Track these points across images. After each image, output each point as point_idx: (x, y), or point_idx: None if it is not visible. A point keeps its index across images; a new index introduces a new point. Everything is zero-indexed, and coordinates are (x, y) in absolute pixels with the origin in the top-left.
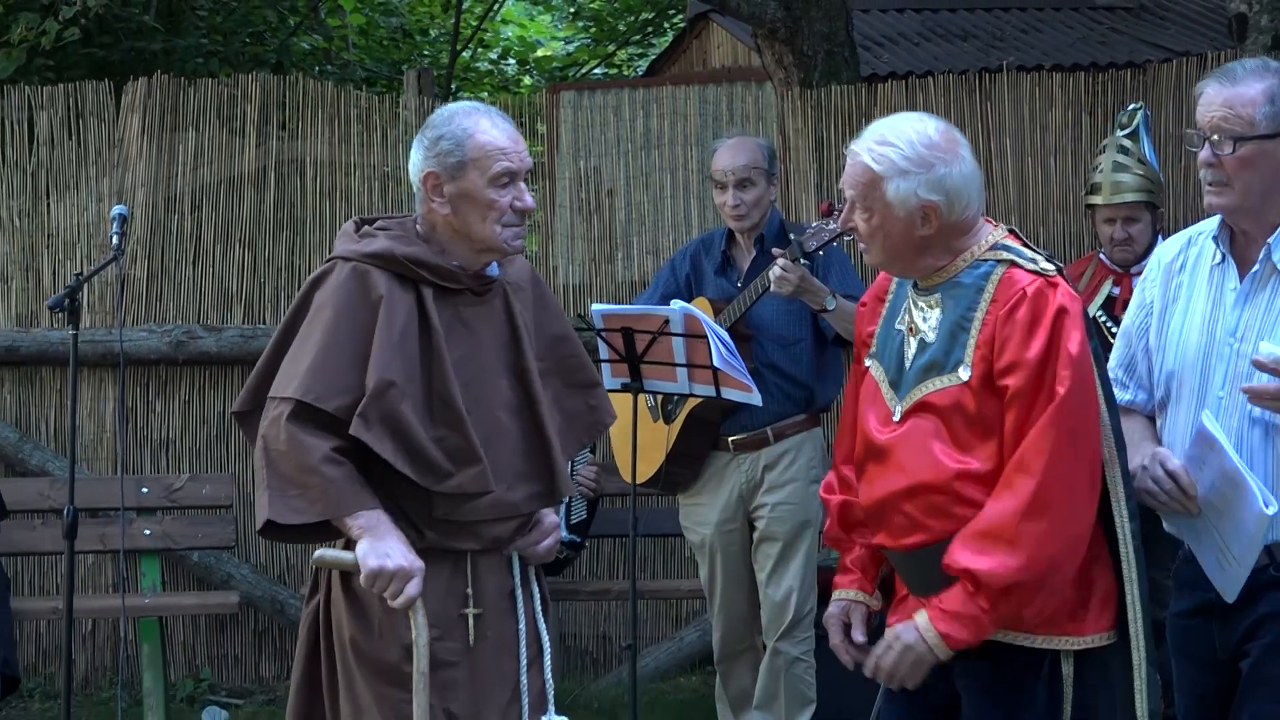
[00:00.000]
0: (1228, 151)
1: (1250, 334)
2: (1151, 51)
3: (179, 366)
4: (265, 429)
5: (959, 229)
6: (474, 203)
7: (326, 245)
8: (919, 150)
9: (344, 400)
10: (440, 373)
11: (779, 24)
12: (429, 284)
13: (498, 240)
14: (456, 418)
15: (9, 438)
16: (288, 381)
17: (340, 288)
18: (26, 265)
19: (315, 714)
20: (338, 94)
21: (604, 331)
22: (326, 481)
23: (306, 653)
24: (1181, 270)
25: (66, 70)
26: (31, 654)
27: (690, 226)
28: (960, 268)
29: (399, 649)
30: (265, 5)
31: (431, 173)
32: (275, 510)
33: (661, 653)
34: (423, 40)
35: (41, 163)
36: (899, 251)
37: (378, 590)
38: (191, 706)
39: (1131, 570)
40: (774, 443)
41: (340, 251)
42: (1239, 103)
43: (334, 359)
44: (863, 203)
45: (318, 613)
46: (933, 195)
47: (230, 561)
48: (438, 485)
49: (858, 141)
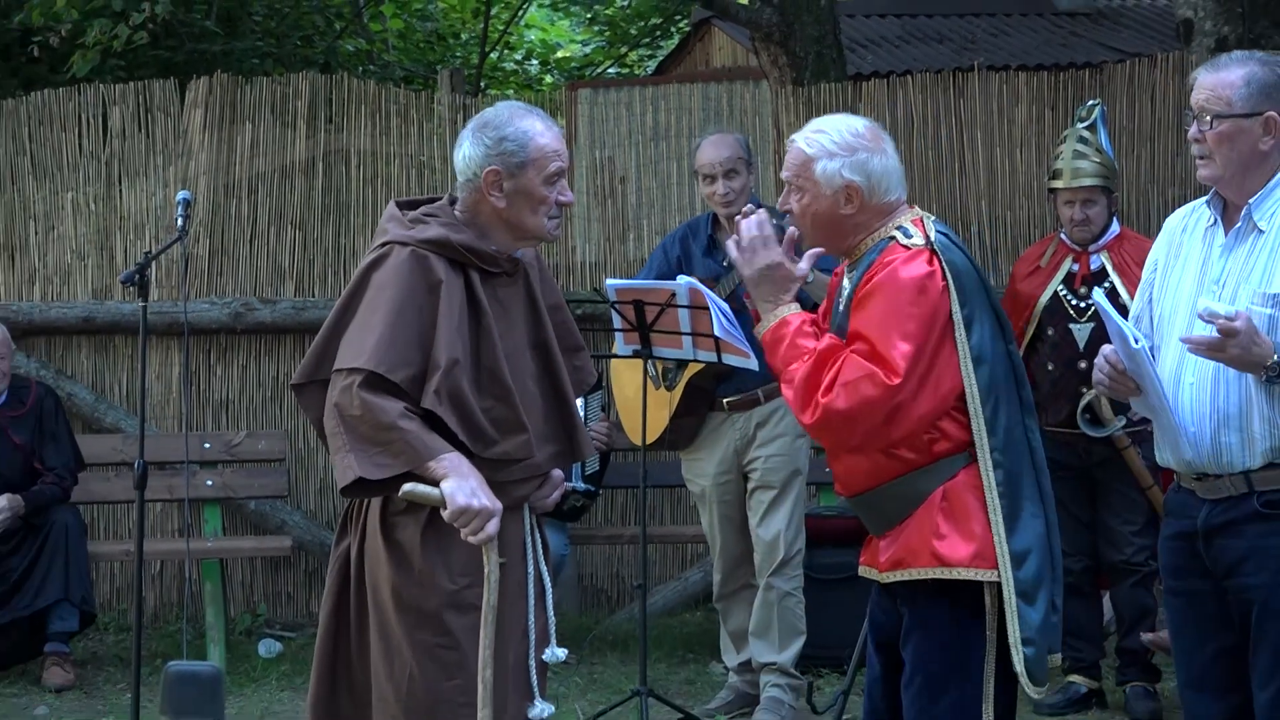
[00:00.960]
0: (1209, 128)
1: (1230, 281)
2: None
3: (237, 335)
4: (338, 398)
5: (879, 212)
6: (529, 198)
7: (369, 226)
8: (846, 138)
9: (408, 372)
10: (490, 349)
11: (774, 28)
12: (476, 268)
13: (544, 230)
14: (505, 390)
15: (86, 399)
16: (358, 354)
17: (400, 270)
18: (101, 245)
19: (340, 650)
20: (379, 91)
21: (617, 304)
22: (406, 434)
23: (335, 593)
24: (1183, 233)
25: (136, 70)
26: (107, 592)
27: (694, 209)
28: (868, 246)
29: (438, 596)
30: (314, 11)
31: (494, 169)
32: (364, 468)
33: (669, 591)
34: (455, 43)
35: (114, 153)
36: (825, 229)
37: (460, 525)
38: (249, 638)
39: (997, 515)
40: (764, 403)
41: (395, 236)
42: (1220, 85)
43: (399, 335)
44: (796, 182)
45: (347, 555)
46: (855, 176)
47: (283, 509)
48: (485, 451)
49: (797, 134)
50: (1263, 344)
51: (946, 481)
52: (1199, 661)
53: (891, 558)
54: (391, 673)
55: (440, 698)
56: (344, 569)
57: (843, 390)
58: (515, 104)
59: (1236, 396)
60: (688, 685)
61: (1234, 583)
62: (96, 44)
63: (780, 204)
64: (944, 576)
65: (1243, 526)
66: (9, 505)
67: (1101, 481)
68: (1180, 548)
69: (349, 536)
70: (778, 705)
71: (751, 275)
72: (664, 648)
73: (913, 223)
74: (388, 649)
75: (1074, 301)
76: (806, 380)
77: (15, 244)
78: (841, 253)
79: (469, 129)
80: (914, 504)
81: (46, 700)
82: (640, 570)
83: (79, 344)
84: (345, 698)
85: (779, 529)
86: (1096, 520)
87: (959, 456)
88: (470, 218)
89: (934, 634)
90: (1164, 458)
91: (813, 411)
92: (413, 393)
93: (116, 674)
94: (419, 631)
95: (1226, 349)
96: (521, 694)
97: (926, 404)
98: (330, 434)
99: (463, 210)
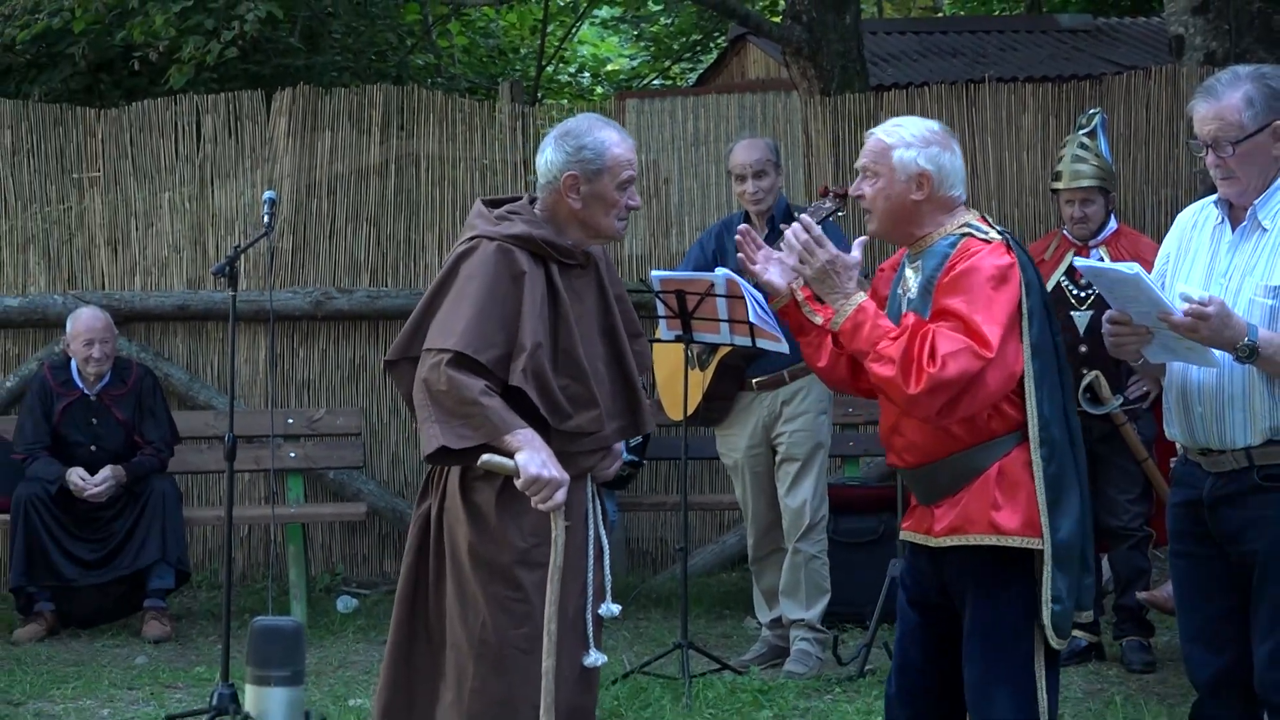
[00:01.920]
0: (1229, 153)
1: (1236, 274)
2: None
3: (318, 322)
4: (426, 374)
5: (944, 205)
6: (603, 201)
7: (437, 223)
8: (923, 133)
9: (493, 354)
10: (567, 333)
11: (803, 44)
12: (555, 261)
13: (614, 230)
14: (580, 370)
15: (181, 379)
16: (447, 336)
17: (487, 262)
18: (195, 240)
19: (419, 601)
20: (446, 101)
21: (661, 293)
22: (487, 409)
23: (415, 549)
24: (1193, 229)
25: (227, 82)
26: (200, 553)
27: (731, 208)
28: (936, 239)
29: (511, 553)
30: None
31: (572, 175)
32: (447, 438)
33: (707, 554)
34: (514, 57)
35: (207, 156)
36: (895, 214)
37: (532, 493)
38: (328, 595)
39: (1041, 483)
40: (790, 382)
41: (483, 231)
42: (1226, 113)
43: (485, 321)
44: (872, 168)
45: (428, 516)
46: (929, 165)
47: (359, 478)
48: (561, 424)
49: (875, 128)
50: (1234, 327)
51: (1002, 459)
52: (1200, 618)
53: (949, 525)
54: (466, 621)
55: (509, 645)
56: (424, 528)
57: (948, 360)
58: (594, 116)
59: (1241, 379)
60: (724, 639)
61: (1236, 549)
62: (191, 59)
63: (853, 190)
64: (999, 544)
65: (1244, 498)
66: (113, 475)
67: (1101, 455)
68: (1186, 514)
69: (429, 498)
70: (806, 657)
71: (815, 275)
72: (703, 604)
73: (979, 220)
74: (463, 600)
75: (1075, 291)
76: (906, 353)
77: (118, 239)
78: (902, 240)
79: (552, 136)
80: (969, 478)
81: (145, 651)
82: (682, 534)
83: (175, 329)
84: (422, 643)
85: (805, 497)
86: (1096, 490)
87: (1012, 435)
88: (549, 216)
89: (989, 596)
90: (1171, 432)
91: (918, 380)
92: (497, 372)
93: (208, 627)
94: (492, 585)
95: (1199, 329)
96: (579, 644)
97: (997, 384)
98: (418, 406)
99: (542, 209)
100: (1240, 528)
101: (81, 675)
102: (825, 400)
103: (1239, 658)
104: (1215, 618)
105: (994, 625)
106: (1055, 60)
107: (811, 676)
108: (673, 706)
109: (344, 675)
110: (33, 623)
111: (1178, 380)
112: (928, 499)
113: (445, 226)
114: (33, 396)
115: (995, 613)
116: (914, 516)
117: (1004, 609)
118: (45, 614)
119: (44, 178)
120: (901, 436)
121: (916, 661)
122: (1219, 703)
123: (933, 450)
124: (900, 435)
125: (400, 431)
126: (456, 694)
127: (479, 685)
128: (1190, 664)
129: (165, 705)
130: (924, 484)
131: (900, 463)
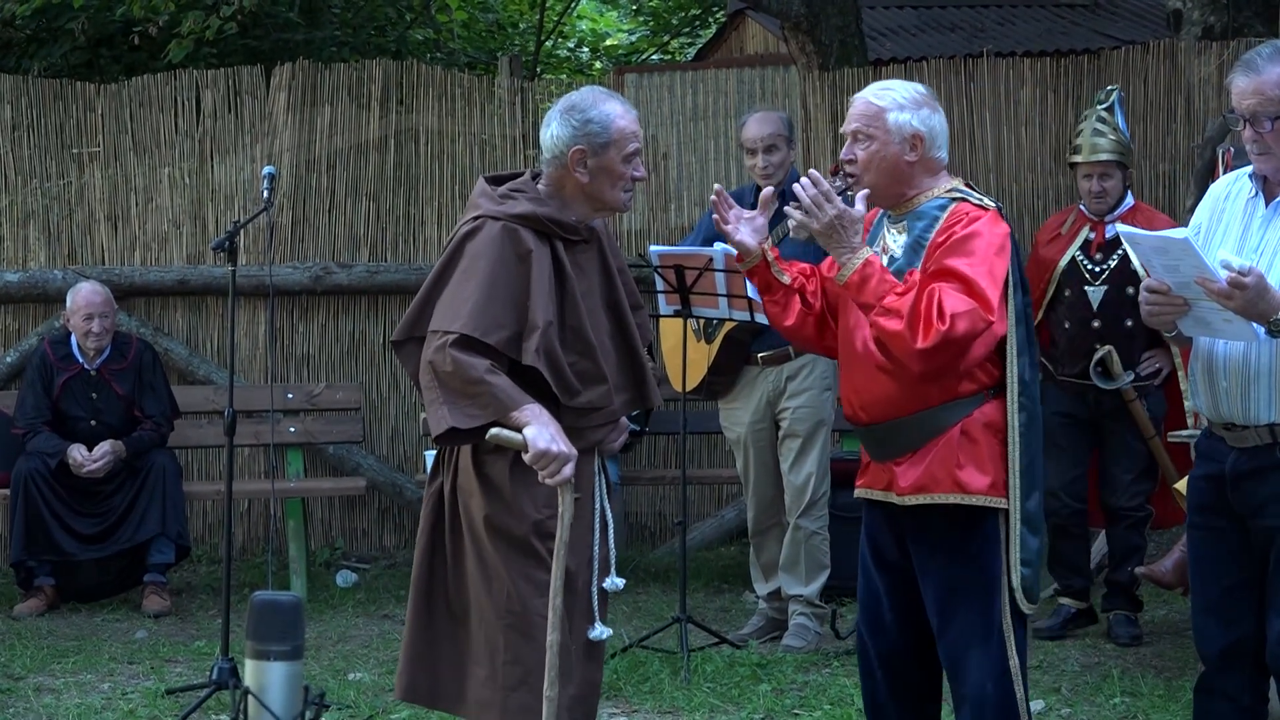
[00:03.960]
0: (1267, 128)
1: (1268, 249)
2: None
3: (317, 296)
4: (431, 355)
5: (931, 167)
6: (610, 174)
7: (436, 198)
8: (913, 95)
9: (502, 335)
10: (574, 310)
11: (802, 18)
12: (560, 238)
13: (621, 202)
14: (588, 346)
15: (181, 354)
16: (452, 318)
17: (493, 242)
18: (195, 215)
19: (436, 577)
20: (445, 76)
21: (660, 268)
22: (493, 387)
23: (430, 527)
24: (1225, 199)
25: (226, 57)
26: (200, 527)
27: (730, 183)
28: (923, 201)
29: (527, 524)
30: (386, 4)
31: (580, 149)
32: (455, 419)
33: (706, 528)
34: (513, 32)
35: (206, 131)
36: (888, 175)
37: (539, 467)
38: (328, 569)
39: (1015, 450)
40: (794, 358)
41: (488, 211)
42: (1267, 87)
43: (492, 302)
44: (865, 131)
45: (441, 493)
46: (921, 127)
47: (359, 453)
48: (570, 401)
49: (860, 93)
50: (1271, 298)
51: (964, 419)
52: (1215, 591)
53: (915, 483)
54: (491, 593)
55: (534, 613)
56: (438, 504)
57: (956, 319)
58: (598, 89)
59: (1268, 354)
60: (723, 613)
61: (1257, 523)
62: (190, 34)
63: (843, 155)
64: (965, 503)
65: (1267, 473)
66: (112, 450)
67: (1108, 431)
68: (1208, 488)
69: (440, 476)
70: (804, 631)
71: (823, 229)
72: (702, 578)
73: (966, 186)
74: (485, 572)
75: (1089, 266)
76: (914, 308)
77: (118, 214)
78: (891, 202)
79: (556, 111)
80: (933, 435)
81: (146, 625)
82: (681, 508)
83: (175, 304)
84: (443, 619)
85: (809, 473)
86: (1100, 466)
87: (976, 396)
88: (554, 191)
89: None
90: (1196, 404)
91: (926, 336)
92: (507, 353)
93: (208, 602)
94: (512, 556)
95: (1235, 297)
96: (584, 617)
97: (985, 346)
98: (425, 388)
99: (546, 184)
100: (1262, 502)
101: (82, 650)
102: (829, 377)
103: (1250, 633)
104: (1229, 590)
105: (961, 586)
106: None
107: (809, 651)
108: (671, 680)
109: (343, 650)
110: (33, 597)
111: (1204, 353)
112: (885, 455)
113: (444, 201)
114: (33, 371)
115: (963, 572)
116: (869, 474)
117: (970, 569)
118: (45, 589)
119: (44, 153)
120: (864, 393)
121: (891, 625)
122: (1226, 676)
123: (900, 407)
124: (862, 392)
125: (399, 406)
126: (490, 669)
127: (511, 657)
128: (1201, 636)
129: (165, 679)
130: (883, 440)
131: (862, 418)
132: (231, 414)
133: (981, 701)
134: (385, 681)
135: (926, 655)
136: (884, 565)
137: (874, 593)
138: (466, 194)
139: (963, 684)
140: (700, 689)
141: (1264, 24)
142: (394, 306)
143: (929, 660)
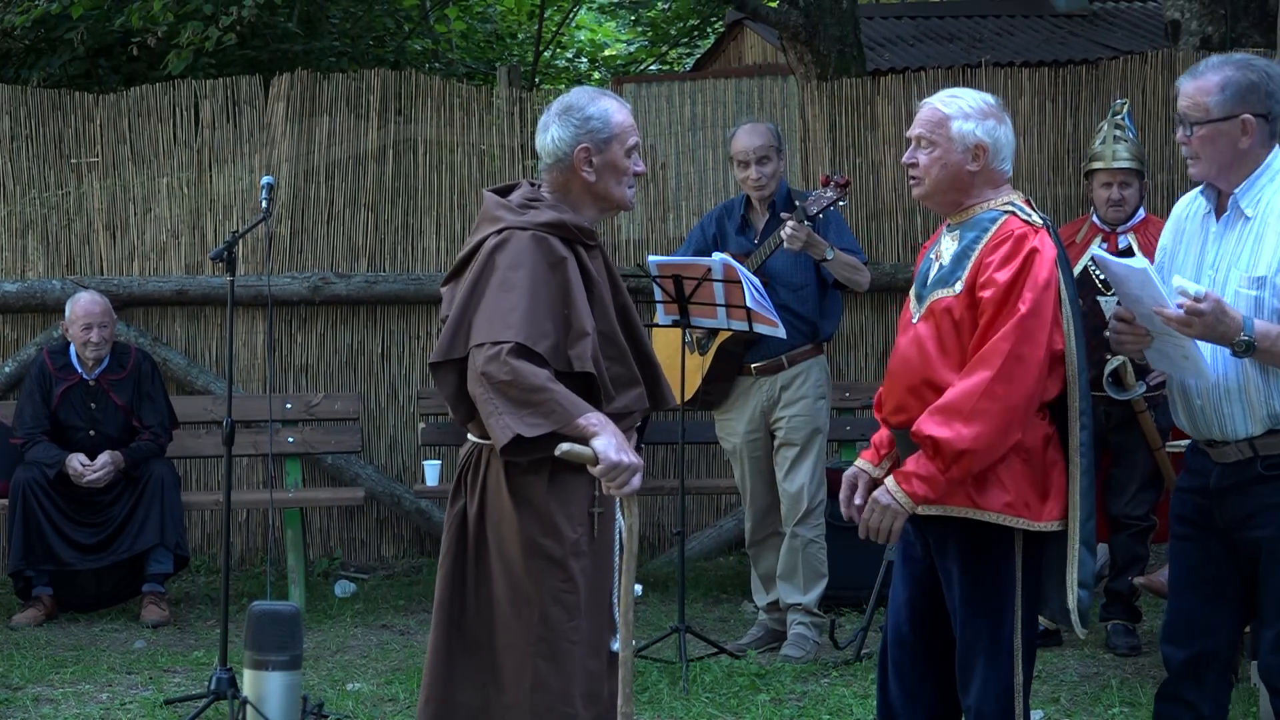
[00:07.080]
0: (1191, 133)
1: (1222, 264)
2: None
3: (315, 306)
4: (485, 366)
5: (993, 179)
6: (614, 170)
7: (435, 208)
8: (980, 105)
9: (547, 343)
10: (603, 315)
11: (800, 29)
12: (581, 244)
13: (626, 199)
14: (619, 350)
15: (180, 363)
16: (503, 327)
17: (527, 251)
18: (193, 225)
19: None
20: (443, 86)
21: (658, 278)
22: (556, 395)
23: (453, 554)
24: (1187, 219)
25: (225, 68)
26: (198, 537)
27: (727, 193)
28: (979, 211)
29: (566, 544)
30: (385, 14)
31: (585, 147)
32: (519, 428)
33: (704, 538)
34: (512, 42)
35: (205, 142)
36: (947, 182)
37: (609, 479)
38: (326, 580)
39: (1077, 470)
40: (788, 368)
41: (511, 222)
42: (1198, 93)
43: (536, 310)
44: (929, 137)
45: (464, 516)
46: (985, 138)
47: (357, 463)
48: (607, 407)
49: (928, 98)
50: (1229, 322)
51: None
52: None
53: None
54: (521, 618)
55: (562, 638)
56: (461, 528)
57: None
58: (588, 88)
59: (1234, 372)
60: (721, 623)
61: (1244, 535)
62: (189, 44)
63: (905, 158)
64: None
65: (1250, 487)
66: (111, 460)
67: (1116, 442)
68: (1191, 501)
69: (463, 498)
70: (803, 641)
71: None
72: (700, 589)
73: (1024, 202)
74: (516, 597)
75: (1102, 276)
76: None
77: (116, 224)
78: (947, 208)
79: (551, 114)
80: None
81: (144, 635)
82: (679, 519)
83: (173, 314)
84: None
85: (803, 482)
86: (1106, 476)
87: None
88: (561, 196)
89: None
90: (1179, 421)
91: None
92: (553, 361)
93: (207, 612)
94: (548, 577)
95: (1194, 324)
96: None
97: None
98: (481, 401)
99: (550, 191)
100: (1246, 515)
101: (80, 660)
102: (824, 385)
103: (1220, 647)
104: (1207, 600)
105: (974, 600)
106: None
107: (808, 660)
108: (670, 690)
109: (342, 660)
110: (31, 607)
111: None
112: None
113: (443, 211)
114: (31, 381)
115: (976, 589)
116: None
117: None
118: (44, 598)
119: (42, 163)
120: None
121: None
122: (1188, 684)
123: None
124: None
125: (398, 416)
126: (515, 694)
127: (539, 682)
128: (1170, 644)
129: (163, 689)
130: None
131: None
132: (230, 424)
133: (980, 715)
134: (384, 691)
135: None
136: (911, 562)
137: (907, 598)
138: (465, 204)
139: (967, 694)
140: (699, 699)
141: (1262, 34)
142: (392, 316)
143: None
